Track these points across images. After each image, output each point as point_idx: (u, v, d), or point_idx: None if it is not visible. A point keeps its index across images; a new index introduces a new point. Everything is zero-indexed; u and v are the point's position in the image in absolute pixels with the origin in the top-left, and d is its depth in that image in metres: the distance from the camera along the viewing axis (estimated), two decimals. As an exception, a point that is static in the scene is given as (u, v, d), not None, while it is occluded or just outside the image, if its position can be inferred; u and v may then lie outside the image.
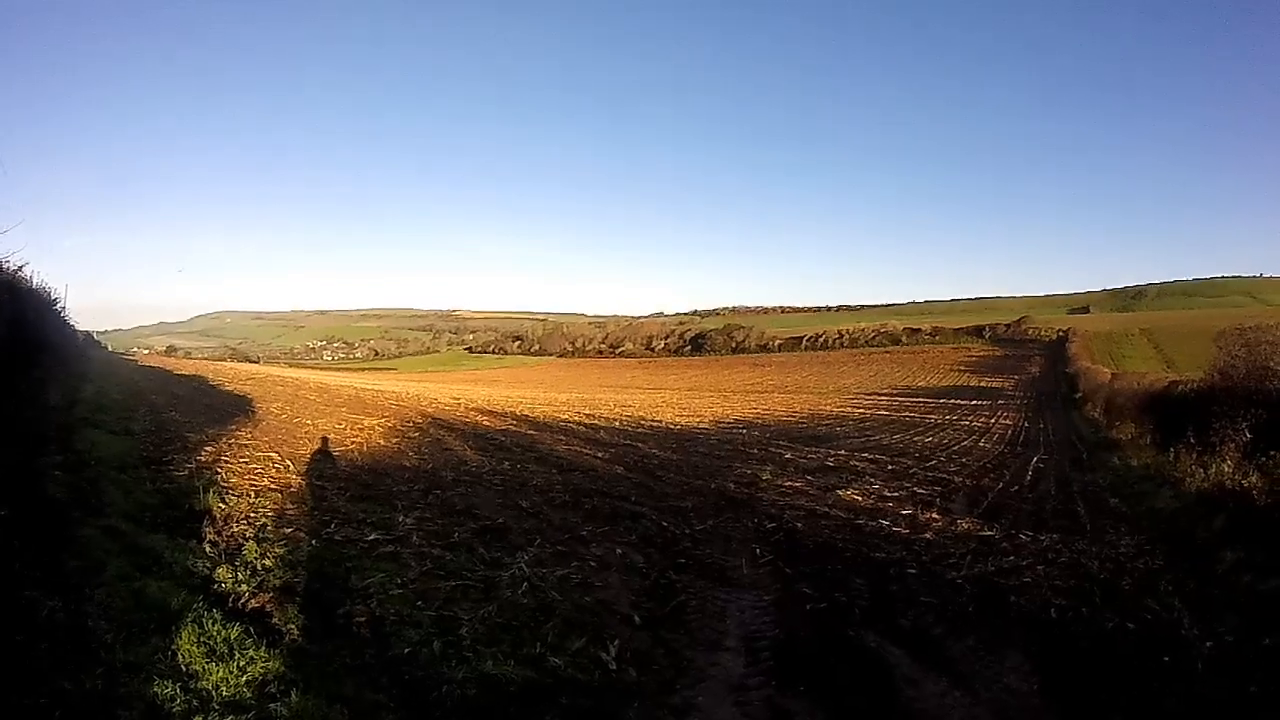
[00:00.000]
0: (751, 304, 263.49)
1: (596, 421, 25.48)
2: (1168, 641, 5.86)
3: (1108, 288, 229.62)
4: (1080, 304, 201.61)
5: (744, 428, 26.58)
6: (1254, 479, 12.00)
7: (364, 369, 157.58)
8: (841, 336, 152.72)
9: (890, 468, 16.33)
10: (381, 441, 15.64)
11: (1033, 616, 6.58)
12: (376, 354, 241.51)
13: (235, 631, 4.84)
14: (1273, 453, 11.87)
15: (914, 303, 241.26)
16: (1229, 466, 13.59)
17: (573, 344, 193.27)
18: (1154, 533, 10.17)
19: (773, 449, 18.95)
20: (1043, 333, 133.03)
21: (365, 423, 18.82)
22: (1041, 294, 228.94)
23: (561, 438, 19.12)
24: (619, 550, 7.97)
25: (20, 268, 12.22)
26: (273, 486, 9.98)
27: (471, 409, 27.45)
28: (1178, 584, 7.37)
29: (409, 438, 16.70)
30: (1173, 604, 6.76)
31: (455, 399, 32.81)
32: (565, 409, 31.26)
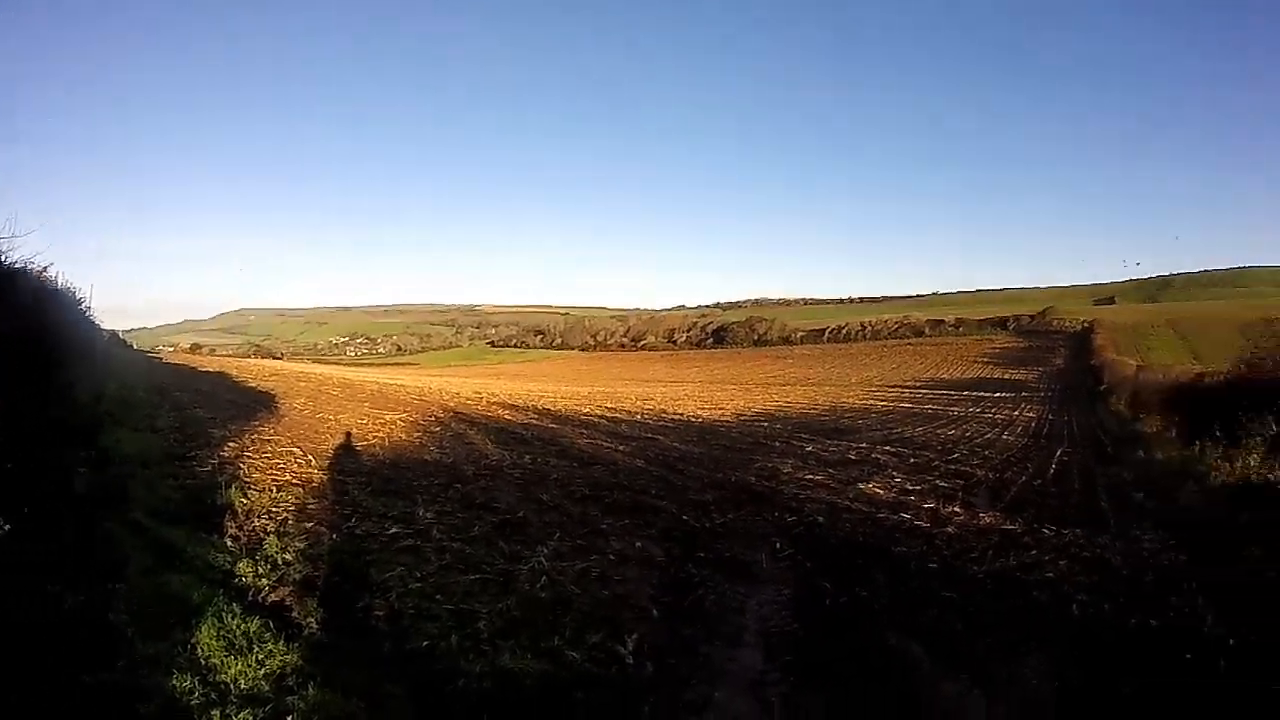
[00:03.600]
0: (774, 296, 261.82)
1: (618, 415, 25.52)
2: (1191, 640, 5.74)
3: (1133, 278, 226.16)
4: (1105, 295, 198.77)
5: (766, 421, 26.52)
6: (1280, 473, 11.84)
7: (387, 364, 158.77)
8: (864, 329, 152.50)
9: (912, 461, 16.23)
10: (403, 436, 15.75)
11: (1054, 613, 6.50)
12: (399, 349, 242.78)
13: (255, 625, 4.91)
14: (1303, 446, 11.67)
15: (937, 294, 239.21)
16: (1255, 460, 13.43)
17: (594, 337, 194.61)
18: (1178, 528, 10.02)
19: (794, 442, 18.86)
20: (1067, 324, 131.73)
21: (387, 417, 18.95)
22: (1066, 285, 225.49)
23: (582, 431, 19.17)
24: (638, 544, 7.97)
25: (44, 269, 12.34)
26: (295, 481, 10.09)
27: (493, 403, 27.56)
28: (1202, 581, 7.23)
29: (430, 432, 16.81)
30: (1196, 601, 6.63)
31: (477, 393, 32.93)
32: (586, 403, 31.28)
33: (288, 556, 6.78)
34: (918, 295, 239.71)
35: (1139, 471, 16.03)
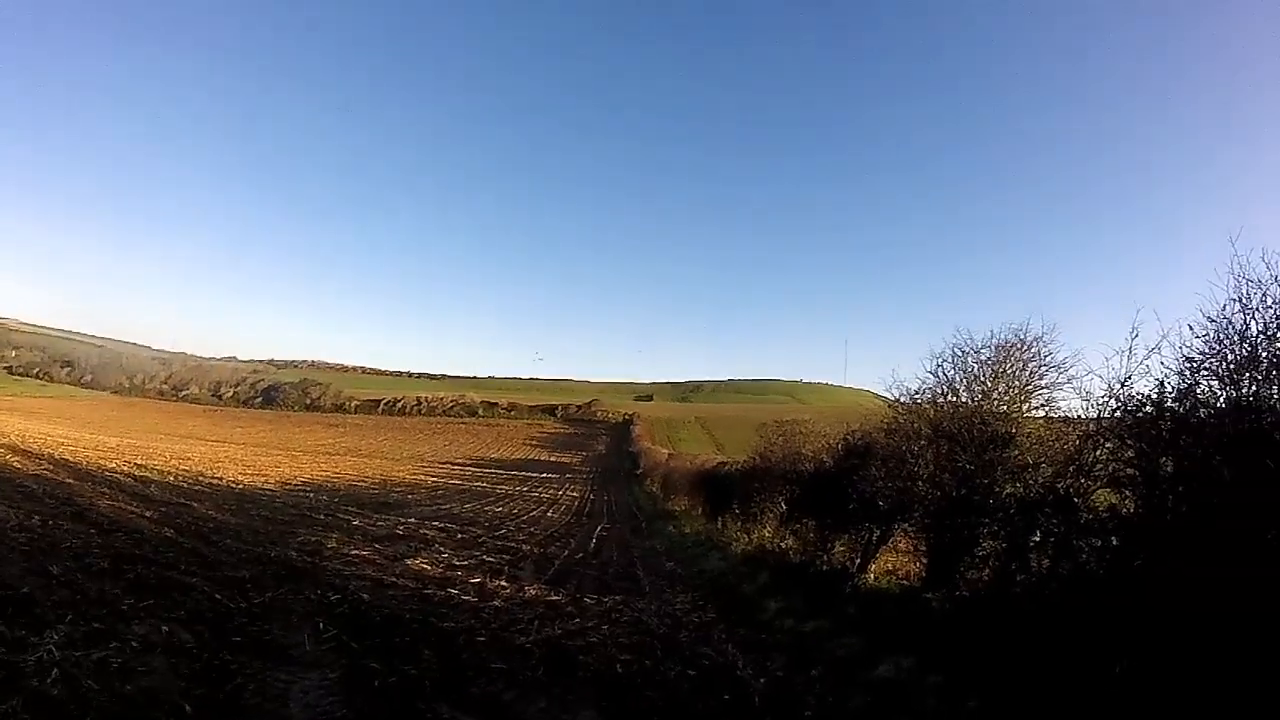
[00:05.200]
0: (331, 361, 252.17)
1: (149, 474, 22.81)
2: (727, 683, 6.35)
3: (670, 380, 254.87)
4: (645, 393, 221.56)
5: (312, 491, 25.60)
6: (789, 541, 13.83)
7: None
8: (420, 404, 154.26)
9: (460, 536, 16.35)
10: (-119, 481, 12.50)
11: (601, 673, 6.74)
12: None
13: None
14: (804, 520, 13.64)
15: (492, 377, 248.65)
16: (769, 532, 15.63)
17: (131, 379, 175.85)
18: (707, 590, 11.29)
19: (341, 515, 18.21)
20: (611, 415, 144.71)
21: None
22: (611, 381, 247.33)
23: (105, 490, 16.57)
24: (165, 628, 6.91)
25: None
26: None
27: (1, 445, 23.15)
28: (730, 632, 8.17)
29: (-86, 479, 13.52)
30: (727, 649, 7.46)
31: None
32: (114, 456, 27.75)
33: None
34: (474, 377, 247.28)
35: (671, 543, 17.81)
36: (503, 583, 11.02)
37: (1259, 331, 5.34)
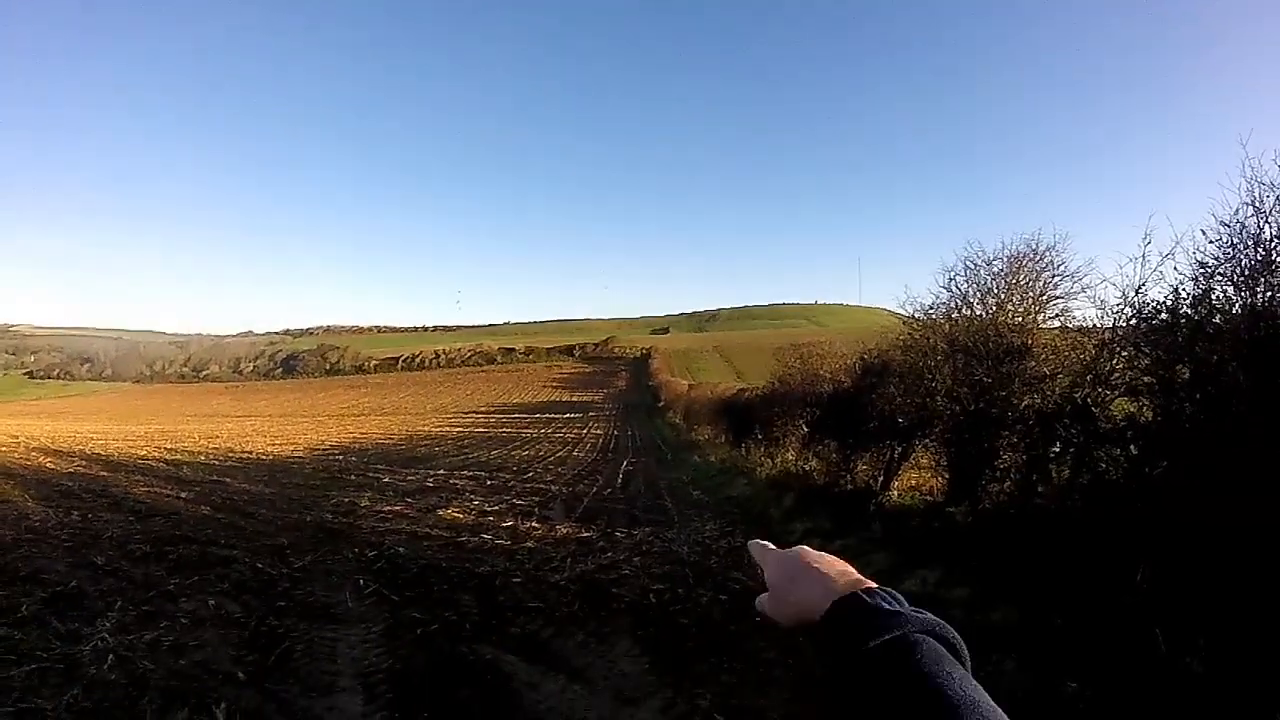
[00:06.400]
0: (346, 324, 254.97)
1: (178, 457, 23.30)
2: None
3: (685, 311, 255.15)
4: (661, 325, 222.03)
5: (341, 453, 26.02)
6: (813, 463, 13.95)
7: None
8: (438, 357, 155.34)
9: (489, 483, 16.55)
10: (-78, 495, 12.76)
11: (635, 604, 6.93)
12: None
13: None
14: (826, 441, 13.72)
15: (509, 324, 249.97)
16: (792, 455, 15.77)
17: (151, 367, 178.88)
18: (735, 516, 11.47)
19: (371, 474, 18.49)
20: (628, 351, 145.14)
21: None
22: (627, 316, 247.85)
23: (139, 478, 16.91)
24: (212, 602, 7.11)
25: None
26: None
27: (33, 449, 24.09)
28: None
29: (-47, 489, 13.78)
30: (757, 572, 7.51)
31: (13, 437, 28.40)
32: (143, 444, 28.57)
33: None
34: (490, 324, 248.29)
35: (696, 473, 17.99)
36: (534, 524, 11.19)
37: (1273, 236, 5.23)
